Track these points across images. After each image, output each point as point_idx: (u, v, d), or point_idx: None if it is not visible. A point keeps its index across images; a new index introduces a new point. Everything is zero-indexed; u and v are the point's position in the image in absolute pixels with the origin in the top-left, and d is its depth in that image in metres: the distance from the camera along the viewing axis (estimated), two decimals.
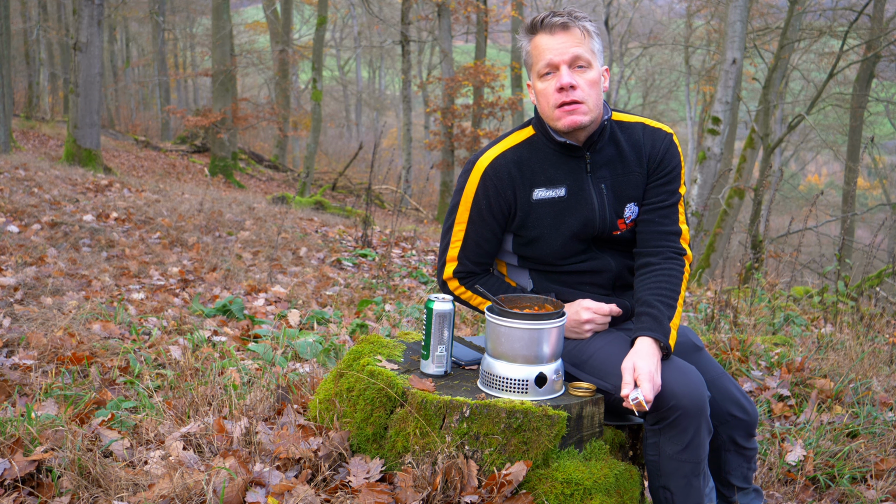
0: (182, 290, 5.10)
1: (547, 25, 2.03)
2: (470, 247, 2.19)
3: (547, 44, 2.03)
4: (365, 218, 8.42)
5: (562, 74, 2.01)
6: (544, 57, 2.03)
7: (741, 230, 15.23)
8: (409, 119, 19.08)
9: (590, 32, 2.04)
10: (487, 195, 2.13)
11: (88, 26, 11.35)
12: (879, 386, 3.58)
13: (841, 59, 13.23)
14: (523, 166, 2.13)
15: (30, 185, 8.03)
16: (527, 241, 2.17)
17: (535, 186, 2.12)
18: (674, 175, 2.16)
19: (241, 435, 2.17)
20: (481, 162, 2.14)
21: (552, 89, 2.03)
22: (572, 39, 2.01)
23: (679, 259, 2.14)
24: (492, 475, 1.86)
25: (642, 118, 2.20)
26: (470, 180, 2.15)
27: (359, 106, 33.86)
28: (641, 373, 1.88)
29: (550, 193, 2.12)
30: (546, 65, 2.03)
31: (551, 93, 2.04)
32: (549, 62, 2.03)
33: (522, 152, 2.14)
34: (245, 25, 29.00)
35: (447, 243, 2.22)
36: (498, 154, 2.14)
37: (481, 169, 2.13)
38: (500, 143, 2.17)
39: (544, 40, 2.03)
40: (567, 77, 2.01)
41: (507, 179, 2.12)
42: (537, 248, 2.17)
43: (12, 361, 3.10)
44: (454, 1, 17.12)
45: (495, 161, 2.13)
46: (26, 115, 20.87)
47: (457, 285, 2.24)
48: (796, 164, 31.49)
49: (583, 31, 2.02)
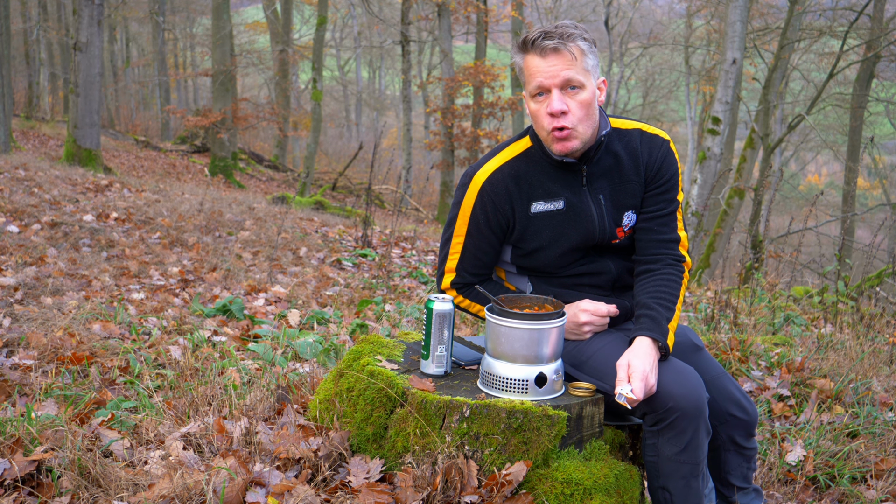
0: (182, 290, 5.10)
1: (538, 47, 1.98)
2: (468, 259, 2.20)
3: (538, 66, 1.99)
4: (365, 218, 8.42)
5: (553, 100, 1.99)
6: (535, 79, 2.00)
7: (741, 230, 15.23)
8: (409, 119, 19.08)
9: (583, 51, 1.99)
10: (485, 210, 2.13)
11: (88, 26, 11.35)
12: (879, 386, 3.58)
13: (841, 59, 13.22)
14: (521, 180, 2.12)
15: (30, 185, 8.03)
16: (526, 253, 2.18)
17: (532, 200, 2.12)
18: (671, 183, 2.16)
19: (241, 435, 2.17)
20: (478, 177, 2.13)
21: (544, 112, 2.02)
22: (563, 62, 1.97)
23: (678, 266, 2.15)
24: (492, 475, 1.86)
25: (639, 123, 2.20)
26: (467, 195, 2.14)
27: (359, 106, 33.86)
28: (635, 371, 1.88)
29: (549, 206, 2.12)
30: (537, 87, 2.01)
31: (543, 115, 2.02)
32: (539, 85, 2.00)
33: (520, 166, 2.13)
34: (245, 25, 29.00)
35: (446, 254, 2.23)
36: (495, 168, 2.13)
37: (478, 184, 2.12)
38: (497, 157, 2.15)
39: (535, 62, 1.99)
40: (557, 103, 1.98)
41: (504, 194, 2.11)
42: (536, 259, 2.18)
43: (12, 361, 3.10)
44: (454, 1, 17.11)
45: (492, 176, 2.12)
46: (26, 115, 20.87)
47: (455, 295, 2.25)
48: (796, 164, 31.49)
49: (575, 52, 1.97)
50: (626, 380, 1.89)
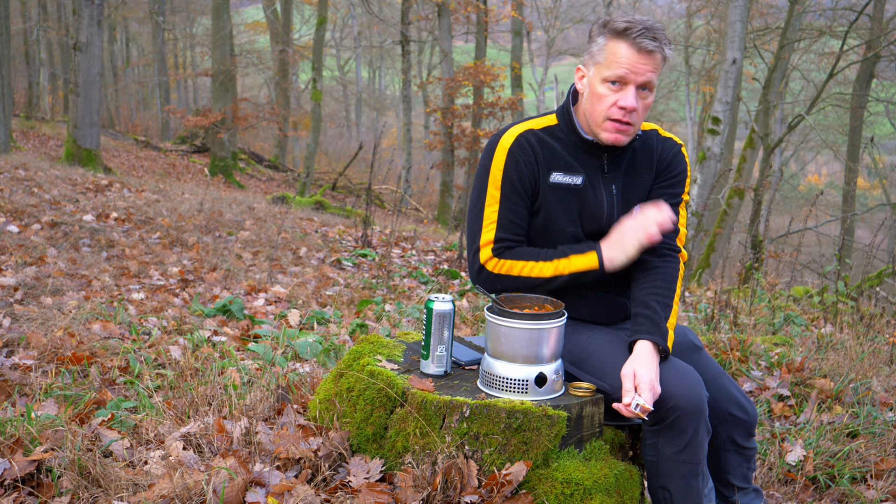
0: (182, 290, 5.10)
1: (636, 42, 1.97)
2: (505, 224, 2.11)
3: (628, 57, 1.98)
4: (365, 218, 8.42)
5: (628, 95, 2.00)
6: (620, 68, 1.99)
7: (741, 230, 15.23)
8: (409, 119, 19.07)
9: (667, 59, 2.03)
10: (518, 168, 2.09)
11: (88, 26, 11.35)
12: (879, 386, 3.58)
13: (841, 59, 13.22)
14: (545, 147, 2.12)
15: (30, 185, 8.03)
16: (541, 225, 2.14)
17: (552, 170, 2.11)
18: (679, 179, 2.19)
19: (241, 435, 2.17)
20: (506, 138, 2.12)
21: (612, 101, 2.02)
22: (652, 64, 2.00)
23: (674, 256, 2.15)
24: (492, 475, 1.86)
25: (657, 126, 2.24)
26: (496, 157, 2.11)
27: (359, 106, 33.86)
28: (642, 381, 1.88)
29: (567, 179, 2.12)
30: (618, 76, 2.00)
31: (609, 103, 2.03)
32: (622, 76, 2.00)
33: (544, 136, 2.14)
34: (245, 25, 29.00)
35: (479, 227, 2.13)
36: (522, 131, 2.13)
37: (508, 143, 2.11)
38: (523, 123, 2.16)
39: (626, 52, 1.98)
40: (632, 100, 2.00)
41: (531, 153, 2.10)
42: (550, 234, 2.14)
43: (12, 361, 3.10)
44: (454, 1, 17.11)
45: (520, 137, 2.11)
46: (26, 115, 20.87)
47: (496, 262, 2.12)
48: (796, 164, 31.49)
49: (663, 58, 2.01)
50: (633, 390, 1.88)
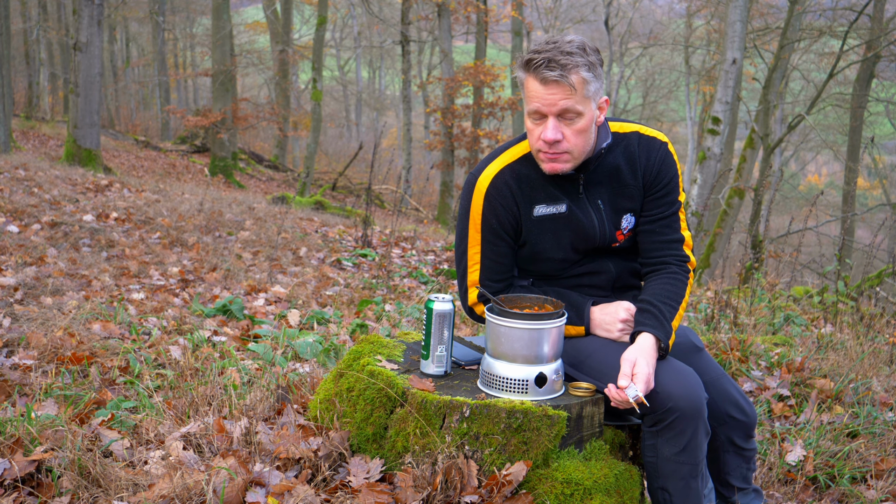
0: (182, 290, 5.10)
1: (538, 74, 1.92)
2: (488, 266, 2.16)
3: (537, 91, 1.94)
4: (365, 218, 8.42)
5: (548, 128, 1.96)
6: (532, 102, 1.96)
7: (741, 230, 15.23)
8: (409, 119, 19.07)
9: (585, 81, 1.92)
10: (495, 212, 2.10)
11: (88, 26, 11.35)
12: (879, 386, 3.58)
13: (841, 59, 13.22)
14: (522, 183, 2.11)
15: (30, 185, 8.03)
16: (528, 256, 2.17)
17: (535, 203, 2.11)
18: (671, 186, 2.15)
19: (241, 435, 2.17)
20: (481, 182, 2.11)
21: (537, 134, 2.00)
22: (563, 92, 1.91)
23: (684, 266, 2.15)
24: (492, 475, 1.86)
25: (637, 126, 2.17)
26: (474, 202, 2.12)
27: (359, 106, 33.86)
28: (639, 372, 1.88)
29: (552, 209, 2.11)
30: (534, 110, 1.97)
31: (536, 136, 2.00)
32: (537, 110, 1.96)
33: (521, 168, 2.12)
34: (245, 25, 28.99)
35: (465, 269, 2.18)
36: (497, 172, 2.11)
37: (483, 187, 2.11)
38: (497, 160, 2.14)
39: (534, 85, 1.94)
40: (552, 133, 1.95)
41: (509, 195, 2.10)
42: (538, 263, 2.17)
43: (12, 361, 3.10)
44: (454, 1, 17.11)
45: (495, 179, 2.11)
46: (26, 115, 20.87)
47: (482, 307, 2.18)
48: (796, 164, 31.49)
49: (576, 83, 1.91)
50: (629, 375, 1.88)
